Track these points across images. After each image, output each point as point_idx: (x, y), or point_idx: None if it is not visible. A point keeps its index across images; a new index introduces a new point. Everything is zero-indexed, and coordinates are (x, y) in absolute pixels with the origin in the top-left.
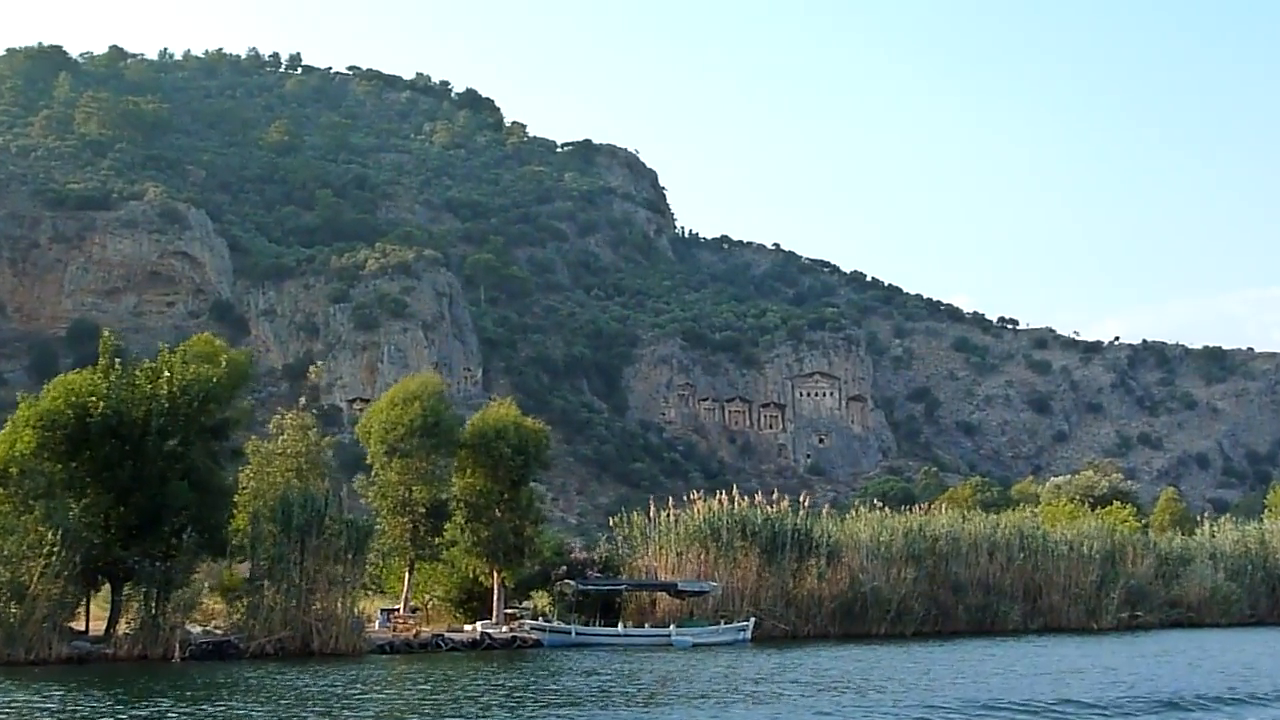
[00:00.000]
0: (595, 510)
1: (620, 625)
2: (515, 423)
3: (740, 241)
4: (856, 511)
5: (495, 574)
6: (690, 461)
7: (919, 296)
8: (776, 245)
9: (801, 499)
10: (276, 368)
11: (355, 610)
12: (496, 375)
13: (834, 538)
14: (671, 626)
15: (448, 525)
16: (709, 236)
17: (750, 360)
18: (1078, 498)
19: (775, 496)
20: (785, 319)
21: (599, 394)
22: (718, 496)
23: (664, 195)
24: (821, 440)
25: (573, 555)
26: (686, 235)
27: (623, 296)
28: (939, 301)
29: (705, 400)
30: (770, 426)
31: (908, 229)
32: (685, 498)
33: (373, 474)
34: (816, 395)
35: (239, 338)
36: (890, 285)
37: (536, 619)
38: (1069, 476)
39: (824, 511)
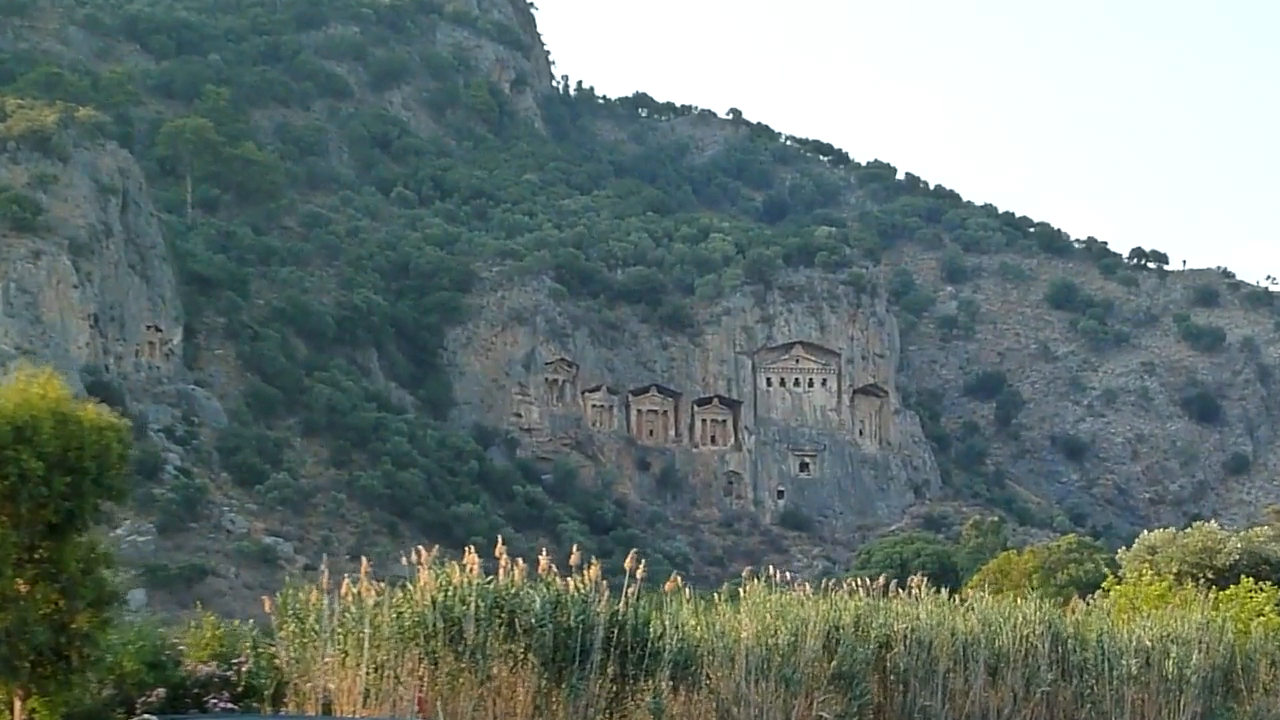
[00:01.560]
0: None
1: None
2: (56, 411)
3: (669, 106)
4: (746, 591)
5: (16, 702)
6: (565, 502)
7: (990, 210)
8: (735, 115)
9: (768, 572)
10: None
11: None
12: (212, 341)
13: (691, 639)
14: None
15: None
16: (613, 96)
17: (679, 319)
18: (1182, 569)
19: (739, 571)
20: (744, 245)
21: (401, 378)
22: (465, 557)
23: (532, 19)
24: (805, 466)
25: (189, 668)
26: (571, 93)
27: (450, 200)
28: (1026, 220)
29: (595, 391)
30: (714, 440)
31: (972, 101)
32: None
33: None
34: (798, 385)
35: None
36: (939, 189)
37: None
38: (1174, 532)
39: (669, 588)
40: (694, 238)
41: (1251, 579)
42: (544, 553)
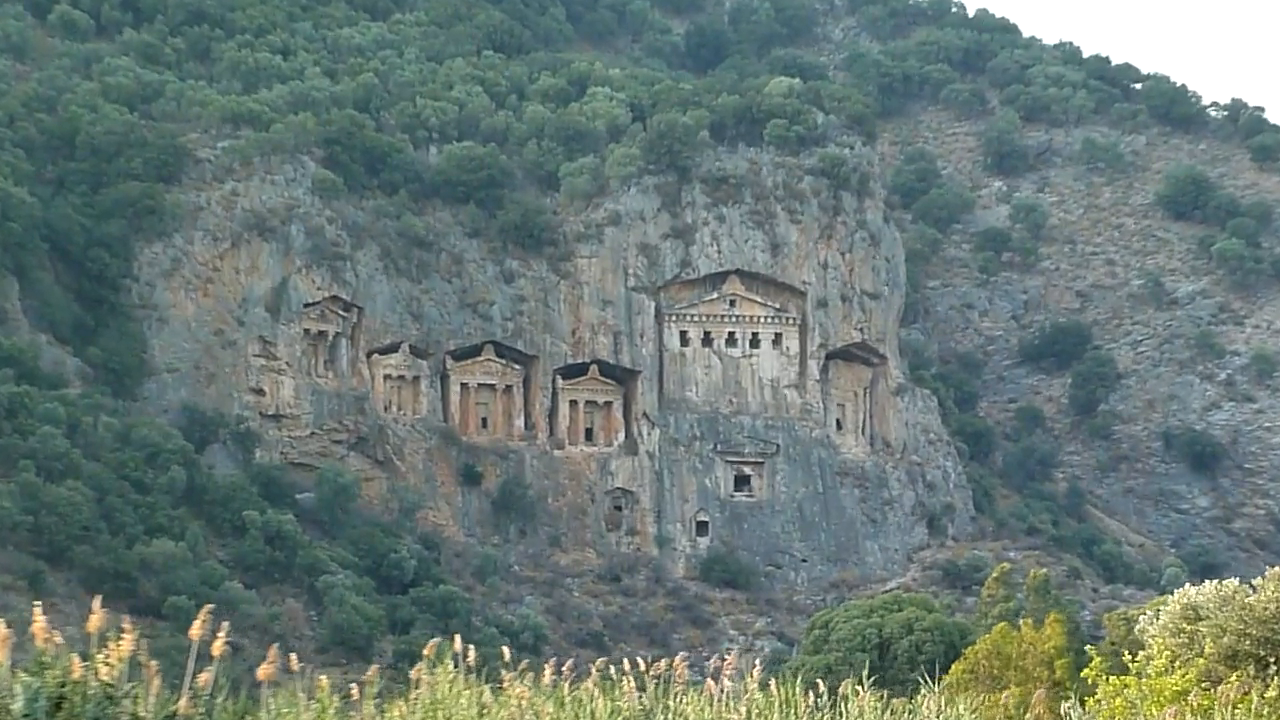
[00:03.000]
0: None
1: None
2: None
3: None
4: (417, 681)
5: None
6: (335, 539)
7: (1067, 52)
8: None
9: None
10: None
11: None
12: None
13: None
14: None
15: None
16: None
17: (534, 233)
18: (1240, 648)
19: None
20: (647, 107)
21: (59, 328)
22: None
23: None
24: (744, 482)
25: None
26: None
27: (148, 28)
28: (1129, 70)
29: (391, 352)
30: (590, 437)
31: None
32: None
33: None
34: (733, 345)
35: None
36: (983, 17)
37: None
38: (1234, 585)
39: (265, 674)
40: (562, 94)
41: None
42: (304, 625)
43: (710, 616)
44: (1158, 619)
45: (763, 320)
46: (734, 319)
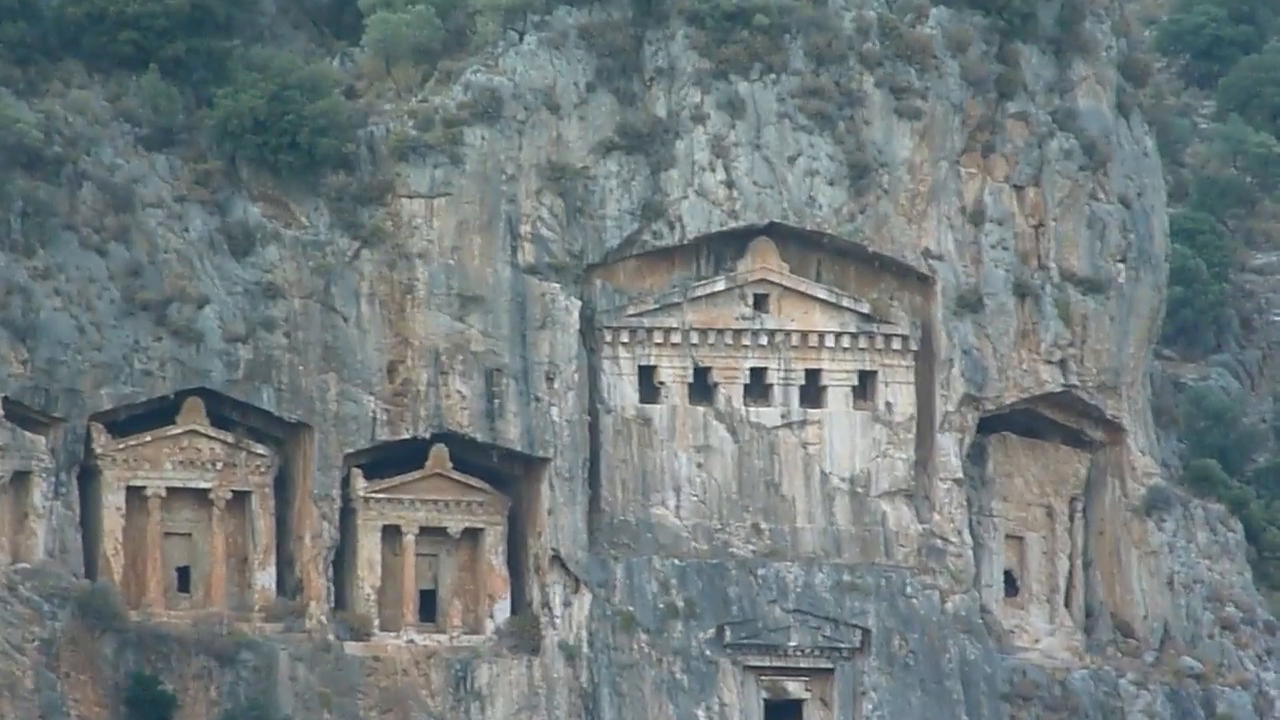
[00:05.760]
0: None
1: None
2: None
3: None
4: None
5: None
6: None
7: None
8: None
9: None
10: None
11: None
12: None
13: None
14: None
15: None
16: None
17: (289, 137)
18: None
19: None
20: None
21: None
22: None
23: None
24: (787, 717)
25: None
26: None
27: None
28: None
29: None
30: (428, 614)
31: None
32: None
33: None
34: (760, 400)
35: None
36: None
37: None
38: None
39: None
40: None
41: None
42: None
43: None
44: None
45: (833, 344)
46: (766, 340)
